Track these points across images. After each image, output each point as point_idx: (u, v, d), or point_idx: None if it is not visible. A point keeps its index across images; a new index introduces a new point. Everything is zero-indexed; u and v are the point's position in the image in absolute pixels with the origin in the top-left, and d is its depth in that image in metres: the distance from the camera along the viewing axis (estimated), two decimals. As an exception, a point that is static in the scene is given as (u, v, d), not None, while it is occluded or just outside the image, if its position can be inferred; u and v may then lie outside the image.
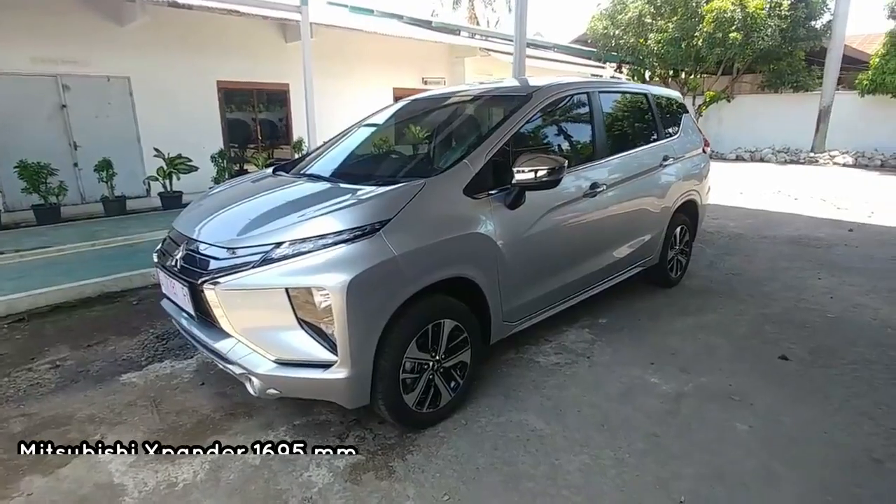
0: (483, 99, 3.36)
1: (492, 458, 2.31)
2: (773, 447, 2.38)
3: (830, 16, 15.57)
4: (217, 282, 2.17)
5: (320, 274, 2.07)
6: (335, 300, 2.04)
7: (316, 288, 2.07)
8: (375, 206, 2.26)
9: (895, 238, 6.34)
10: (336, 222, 2.17)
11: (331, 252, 2.11)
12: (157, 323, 3.92)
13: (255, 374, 2.18)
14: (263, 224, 2.29)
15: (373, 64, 12.05)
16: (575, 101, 3.26)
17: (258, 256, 2.16)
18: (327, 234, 2.14)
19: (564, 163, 2.60)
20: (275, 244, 2.16)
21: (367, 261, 2.12)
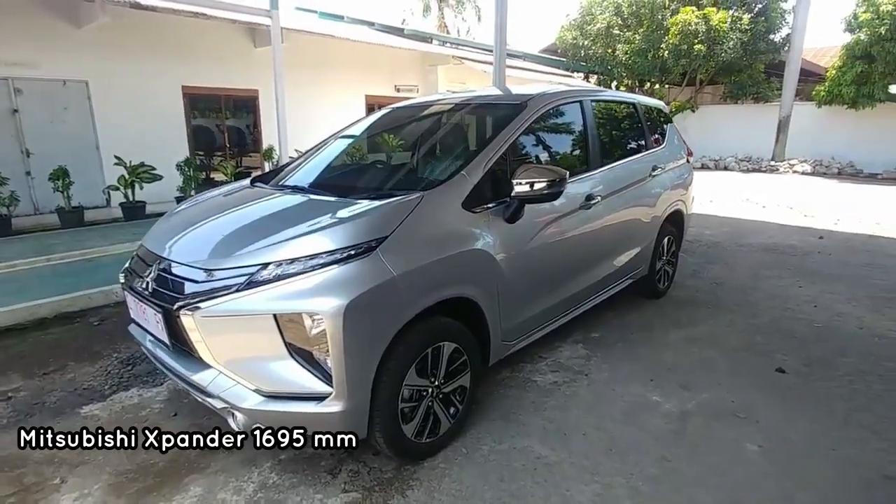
0: (474, 107, 3.23)
1: (499, 490, 2.16)
2: (785, 468, 2.30)
3: (789, 29, 16.17)
4: (196, 307, 1.95)
5: (313, 298, 1.88)
6: (330, 327, 1.86)
7: (308, 314, 1.88)
8: (371, 223, 2.09)
9: (864, 245, 6.51)
10: (328, 241, 1.99)
11: (324, 273, 1.92)
12: (122, 346, 3.62)
13: (239, 408, 1.97)
14: (247, 242, 2.08)
15: (345, 71, 11.84)
16: (569, 109, 3.17)
17: (242, 279, 1.95)
18: (319, 254, 1.96)
19: (566, 174, 2.48)
20: (261, 265, 1.96)
21: (365, 283, 1.94)
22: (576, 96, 3.26)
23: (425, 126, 3.20)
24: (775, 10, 16.52)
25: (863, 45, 13.66)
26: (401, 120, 3.30)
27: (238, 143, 10.74)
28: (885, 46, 12.82)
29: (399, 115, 3.37)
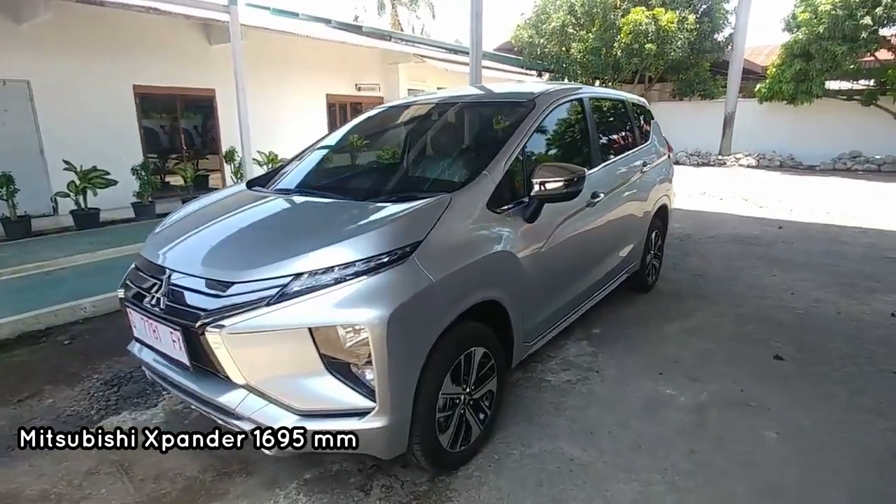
0: (481, 106, 3.17)
1: (540, 496, 2.12)
2: (805, 453, 2.38)
3: (731, 29, 16.94)
4: (221, 324, 1.81)
5: (353, 309, 1.78)
6: (374, 338, 1.76)
7: (349, 326, 1.77)
8: (405, 227, 2.00)
9: (820, 233, 6.90)
10: (363, 248, 1.89)
11: (361, 282, 1.82)
12: (101, 365, 3.36)
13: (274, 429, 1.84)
14: (273, 251, 1.94)
15: (305, 70, 11.51)
16: (572, 107, 3.16)
17: (273, 291, 1.82)
18: (355, 262, 1.85)
19: (584, 172, 2.48)
20: (292, 276, 1.84)
21: (406, 290, 1.86)
22: (576, 93, 3.26)
23: (432, 125, 3.12)
24: (719, 11, 17.25)
25: (801, 44, 14.45)
26: (403, 119, 3.20)
27: (195, 145, 10.25)
28: (823, 45, 13.63)
29: (399, 113, 3.27)
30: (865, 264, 5.39)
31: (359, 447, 1.92)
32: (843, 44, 13.30)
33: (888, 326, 3.81)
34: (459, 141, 3.01)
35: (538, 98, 2.90)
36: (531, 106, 2.82)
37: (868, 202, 9.44)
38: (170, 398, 2.95)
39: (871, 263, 5.41)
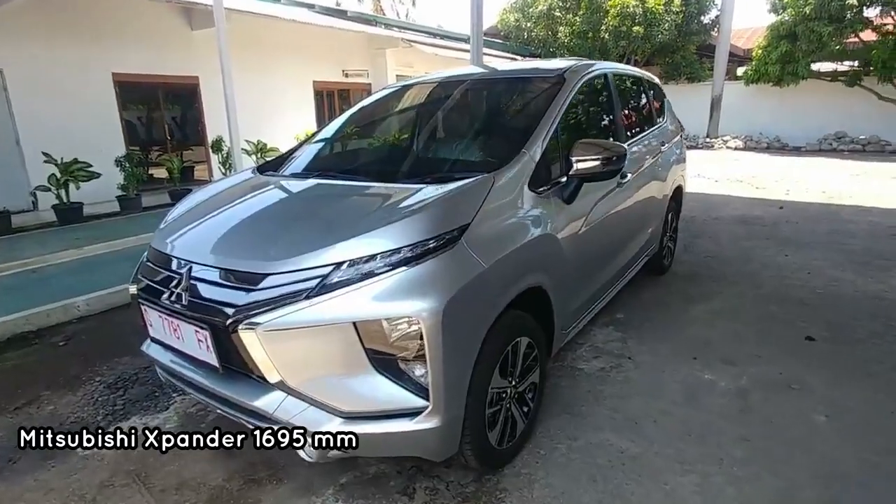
0: (507, 82, 2.99)
1: (595, 492, 2.00)
2: (857, 436, 2.30)
3: (718, 11, 16.92)
4: (256, 321, 1.63)
5: (402, 300, 1.62)
6: (428, 331, 1.61)
7: (397, 319, 1.62)
8: (451, 209, 1.84)
9: (822, 213, 6.89)
10: (409, 232, 1.72)
11: (409, 271, 1.66)
12: (102, 367, 3.16)
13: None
14: (307, 239, 1.77)
15: (290, 56, 11.15)
16: (598, 83, 3.01)
17: (313, 283, 1.65)
18: (400, 249, 1.69)
19: (625, 150, 2.34)
20: (333, 265, 1.66)
21: (459, 278, 1.71)
22: (600, 68, 3.10)
23: (454, 103, 2.93)
24: (704, -7, 17.22)
25: (787, 25, 14.45)
26: (420, 97, 3.01)
27: (179, 136, 9.88)
28: (809, 25, 13.65)
29: (416, 92, 3.07)
30: (873, 242, 5.37)
31: (409, 450, 1.78)
32: (830, 24, 13.33)
33: (909, 303, 3.77)
34: (487, 119, 2.83)
35: (567, 73, 2.74)
36: (560, 81, 2.66)
37: (860, 181, 9.50)
38: (182, 400, 2.76)
39: (878, 241, 5.40)
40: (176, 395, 2.82)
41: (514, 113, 2.74)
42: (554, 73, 2.78)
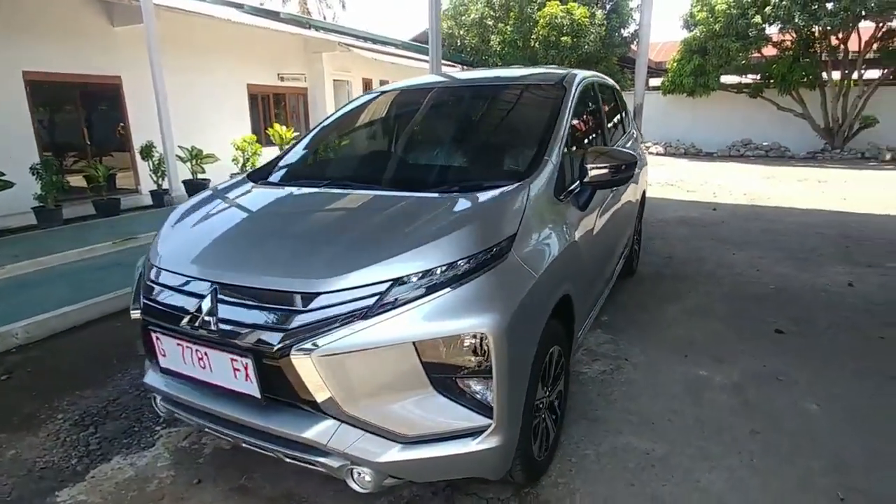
0: (510, 89, 2.95)
1: (636, 497, 2.02)
2: (853, 422, 2.48)
3: (637, 25, 18.01)
4: (309, 346, 1.50)
5: (465, 315, 1.55)
6: (494, 346, 1.55)
7: (462, 335, 1.54)
8: (498, 219, 1.79)
9: (749, 214, 7.49)
10: (463, 244, 1.65)
11: (469, 284, 1.59)
12: (62, 402, 2.80)
13: (374, 463, 1.56)
14: (356, 254, 1.64)
15: (222, 57, 10.55)
16: (588, 90, 3.07)
17: (370, 301, 1.54)
18: (457, 262, 1.62)
19: (636, 158, 2.40)
20: (390, 281, 1.56)
21: (517, 289, 1.66)
22: (586, 76, 3.17)
23: (457, 109, 2.85)
24: (624, 8, 18.27)
25: (699, 41, 15.69)
26: (424, 102, 2.90)
27: (101, 141, 9.04)
28: (718, 41, 14.88)
29: (417, 97, 2.96)
30: (802, 240, 5.91)
31: (468, 471, 1.70)
32: (737, 41, 14.61)
33: (850, 295, 4.17)
34: (499, 126, 2.80)
35: (565, 80, 2.78)
36: (562, 88, 2.69)
37: (773, 184, 10.46)
38: (168, 434, 2.50)
39: (807, 239, 5.94)
40: (159, 429, 2.55)
41: (524, 120, 2.72)
42: (552, 79, 2.81)
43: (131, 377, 3.05)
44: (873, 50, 14.33)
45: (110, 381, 3.03)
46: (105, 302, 4.01)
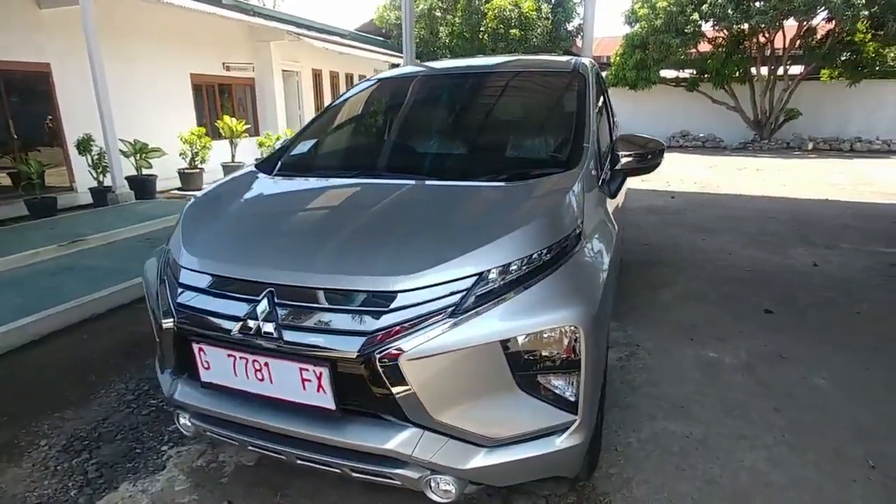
0: (531, 76, 2.87)
1: (687, 480, 2.03)
2: (858, 393, 2.62)
3: (581, 20, 18.46)
4: (395, 350, 1.37)
5: (553, 309, 1.47)
6: (584, 339, 1.48)
7: (551, 329, 1.47)
8: (567, 207, 1.72)
9: (706, 201, 7.86)
10: (541, 235, 1.57)
11: (551, 277, 1.53)
12: (41, 427, 2.49)
13: (459, 470, 1.47)
14: (430, 248, 1.53)
15: (162, 44, 9.81)
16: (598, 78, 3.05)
17: (455, 298, 1.43)
18: (536, 253, 1.54)
19: (664, 144, 2.40)
20: (475, 276, 1.46)
21: (594, 278, 1.61)
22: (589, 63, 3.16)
23: (489, 96, 2.74)
24: (569, 2, 18.67)
25: (640, 36, 16.28)
26: (443, 89, 2.75)
27: (28, 135, 8.19)
28: (659, 37, 15.49)
29: (434, 84, 2.81)
30: (761, 224, 6.25)
31: (549, 471, 1.64)
32: (676, 37, 15.26)
33: (818, 274, 4.44)
34: (529, 113, 2.71)
35: (579, 67, 2.75)
36: (579, 75, 2.66)
37: (717, 173, 11.04)
38: (179, 454, 2.27)
39: (765, 224, 6.29)
40: (166, 448, 2.31)
41: (553, 107, 2.66)
42: (565, 67, 2.77)
43: (117, 393, 2.77)
44: (796, 47, 15.40)
45: (93, 399, 2.73)
46: (68, 311, 3.62)
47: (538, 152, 2.39)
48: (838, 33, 14.58)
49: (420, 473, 1.49)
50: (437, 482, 1.52)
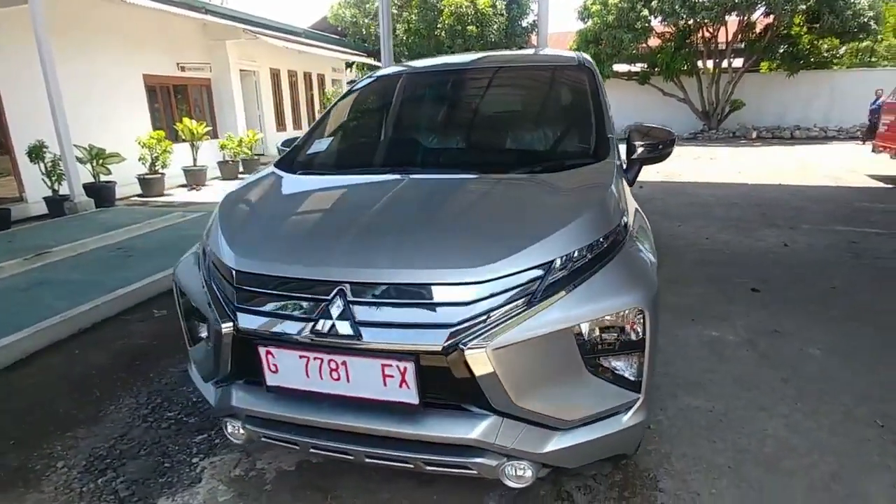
0: (541, 70, 2.91)
1: (722, 453, 2.14)
2: (850, 361, 2.83)
3: (535, 16, 18.79)
4: (480, 341, 1.39)
5: (620, 293, 1.54)
6: (648, 319, 1.55)
7: (620, 312, 1.53)
8: (615, 195, 1.79)
9: (673, 189, 8.21)
10: (600, 221, 1.65)
11: (614, 262, 1.60)
12: (53, 448, 2.36)
13: (537, 454, 1.51)
14: (497, 238, 1.56)
15: (112, 45, 9.32)
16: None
17: (532, 287, 1.47)
18: (598, 240, 1.60)
19: (675, 134, 2.51)
20: (546, 264, 1.50)
21: (649, 264, 1.68)
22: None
23: (503, 91, 2.77)
24: (522, -1, 18.96)
25: (594, 32, 16.76)
26: (458, 84, 2.75)
27: (-31, 142, 7.63)
28: (612, 32, 16.01)
29: (446, 79, 2.81)
30: (727, 210, 6.59)
31: (614, 449, 1.70)
32: (628, 32, 15.79)
33: (789, 254, 4.74)
34: (547, 106, 2.75)
35: (584, 61, 2.83)
36: (586, 68, 2.74)
37: (675, 162, 11.49)
38: (213, 465, 2.21)
39: (730, 209, 6.64)
40: (197, 460, 2.24)
41: (569, 99, 2.72)
42: (571, 60, 2.84)
43: (129, 408, 2.66)
44: (739, 41, 16.23)
45: (103, 415, 2.61)
46: (54, 327, 3.42)
47: (566, 144, 2.46)
48: (776, 27, 15.47)
49: (497, 461, 1.52)
50: (513, 468, 1.55)
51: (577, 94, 2.57)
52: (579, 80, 2.64)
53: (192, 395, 2.73)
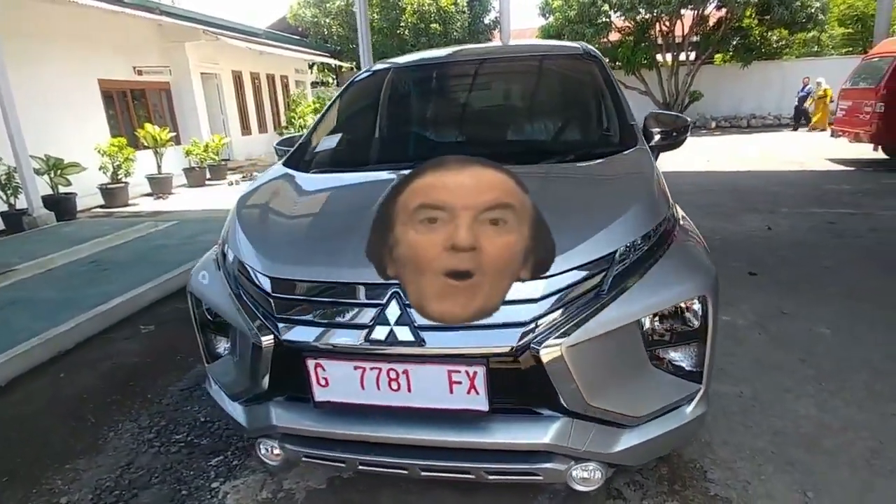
0: (552, 59, 2.83)
1: (760, 438, 2.13)
2: (858, 338, 2.89)
3: (497, 13, 18.86)
4: (554, 339, 1.32)
5: (682, 282, 1.50)
6: (711, 307, 1.51)
7: (685, 301, 1.49)
8: (660, 184, 1.75)
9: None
10: (653, 210, 1.62)
11: (672, 250, 1.57)
12: (55, 482, 2.17)
13: (609, 454, 1.44)
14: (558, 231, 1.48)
15: (63, 48, 8.80)
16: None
17: (597, 279, 1.40)
18: (654, 229, 1.55)
19: (690, 121, 2.50)
20: (609, 256, 1.43)
21: (699, 247, 1.65)
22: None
23: (518, 82, 2.68)
24: (483, -4, 19.02)
25: (556, 27, 16.92)
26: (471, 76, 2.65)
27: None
28: (573, 28, 16.19)
29: (458, 71, 2.71)
30: (706, 197, 6.73)
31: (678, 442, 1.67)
32: (590, 27, 16.02)
33: (775, 237, 4.86)
34: (566, 96, 2.68)
35: (589, 51, 2.79)
36: (594, 58, 2.70)
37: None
38: (237, 489, 2.06)
39: (709, 196, 6.78)
40: (217, 485, 2.09)
41: (585, 89, 2.65)
42: (575, 50, 2.79)
43: (131, 433, 2.47)
44: (694, 34, 16.70)
45: (104, 443, 2.41)
46: (33, 350, 3.17)
47: (592, 132, 2.41)
48: (729, 20, 15.98)
49: (566, 465, 1.45)
50: (581, 471, 1.48)
51: (592, 83, 2.52)
52: (591, 70, 2.59)
53: (199, 415, 2.56)
